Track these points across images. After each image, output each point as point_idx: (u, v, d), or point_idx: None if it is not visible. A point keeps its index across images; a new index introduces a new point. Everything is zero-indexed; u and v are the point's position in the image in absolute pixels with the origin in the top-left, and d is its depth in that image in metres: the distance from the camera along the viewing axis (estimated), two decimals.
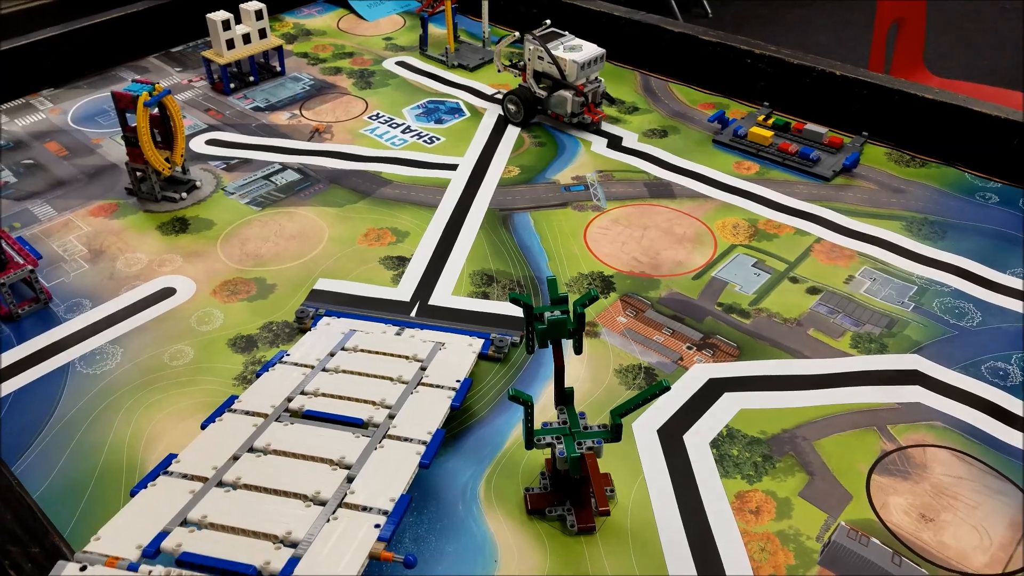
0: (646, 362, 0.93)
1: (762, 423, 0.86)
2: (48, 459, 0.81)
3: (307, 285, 1.03)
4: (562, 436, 0.73)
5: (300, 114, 1.42)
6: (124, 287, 1.03)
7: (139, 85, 1.12)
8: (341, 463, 0.71)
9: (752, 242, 1.12)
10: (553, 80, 1.32)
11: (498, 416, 0.86)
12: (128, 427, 0.84)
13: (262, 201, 1.20)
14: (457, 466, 0.81)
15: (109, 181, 1.24)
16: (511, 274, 1.06)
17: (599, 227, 1.14)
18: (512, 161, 1.29)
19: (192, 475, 0.68)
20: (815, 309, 1.00)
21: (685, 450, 0.83)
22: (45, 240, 1.12)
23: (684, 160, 1.29)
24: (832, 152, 1.29)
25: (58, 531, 0.66)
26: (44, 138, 1.36)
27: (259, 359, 0.93)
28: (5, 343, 0.95)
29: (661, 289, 1.03)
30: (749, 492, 0.79)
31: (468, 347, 0.91)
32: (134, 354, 0.93)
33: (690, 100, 1.46)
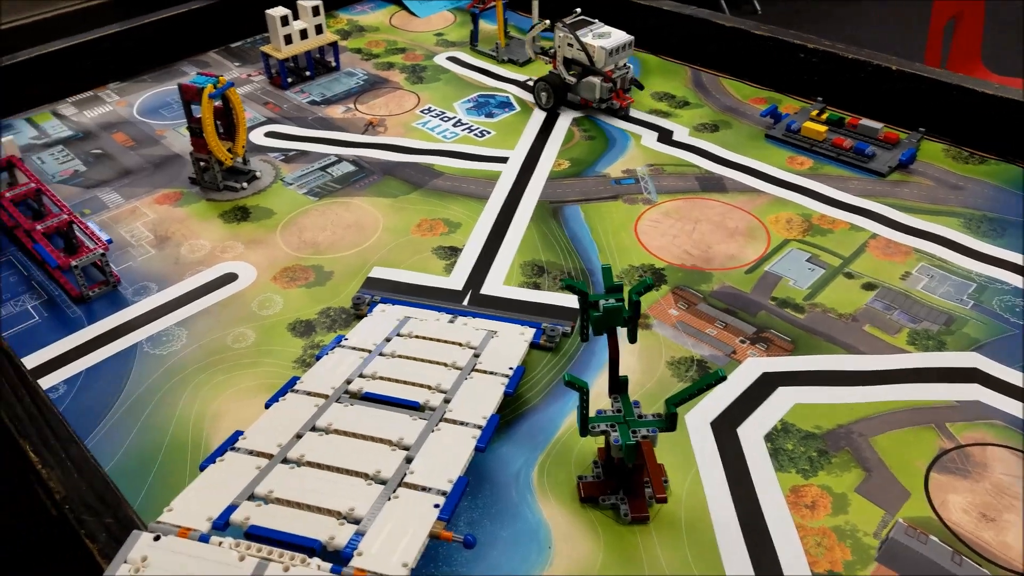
0: (698, 355, 0.93)
1: (817, 418, 0.85)
2: (119, 434, 0.84)
3: (363, 273, 1.06)
4: (616, 424, 0.74)
5: (355, 108, 1.45)
6: (188, 272, 1.07)
7: (204, 78, 1.16)
8: (400, 444, 0.72)
9: (806, 237, 1.10)
10: (583, 66, 1.35)
11: (551, 404, 0.87)
12: (194, 405, 0.87)
13: (319, 191, 1.23)
14: (510, 452, 0.82)
15: (173, 171, 1.29)
16: (561, 265, 1.07)
17: (650, 220, 1.14)
18: (562, 154, 1.30)
19: (258, 451, 0.70)
20: (871, 305, 0.99)
21: (739, 443, 0.83)
22: (113, 226, 1.16)
23: (736, 154, 1.28)
24: (888, 148, 1.27)
25: (129, 503, 0.69)
26: (112, 129, 1.41)
27: (317, 343, 0.95)
28: (77, 323, 0.99)
29: (713, 282, 1.03)
30: (804, 487, 0.79)
31: (520, 336, 0.92)
32: (198, 336, 0.97)
33: (742, 95, 1.45)
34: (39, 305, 1.02)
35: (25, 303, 1.03)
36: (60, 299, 1.03)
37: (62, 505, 0.65)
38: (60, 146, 1.37)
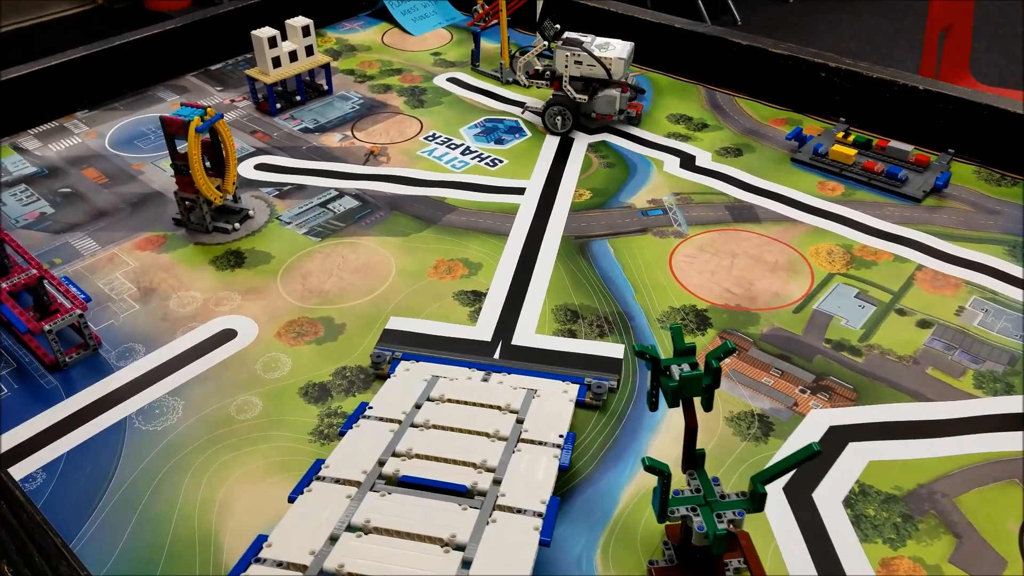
0: (758, 408, 0.85)
1: (895, 477, 0.78)
2: (111, 534, 0.73)
3: (378, 324, 0.96)
4: (698, 507, 0.65)
5: (352, 135, 1.34)
6: (179, 329, 0.95)
7: (189, 109, 1.05)
8: (453, 543, 0.63)
9: (850, 270, 1.04)
10: (592, 82, 1.29)
11: (604, 474, 0.78)
12: (197, 492, 0.76)
13: (320, 231, 1.12)
14: (567, 534, 0.73)
15: (154, 211, 1.17)
16: (596, 308, 0.98)
17: (684, 255, 1.06)
18: (582, 184, 1.22)
19: (289, 563, 0.60)
20: (929, 345, 0.93)
21: (816, 510, 0.75)
22: (89, 277, 1.04)
23: (764, 181, 1.21)
24: (919, 171, 1.21)
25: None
26: (81, 164, 1.28)
27: (335, 410, 0.85)
28: (53, 396, 0.87)
29: (761, 324, 0.95)
30: (895, 559, 0.71)
31: (564, 394, 0.83)
32: (197, 407, 0.85)
33: (760, 116, 1.38)
34: (7, 375, 0.89)
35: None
36: (32, 367, 0.90)
37: None
38: (23, 185, 1.23)
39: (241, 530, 0.73)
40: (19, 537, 0.61)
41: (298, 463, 0.79)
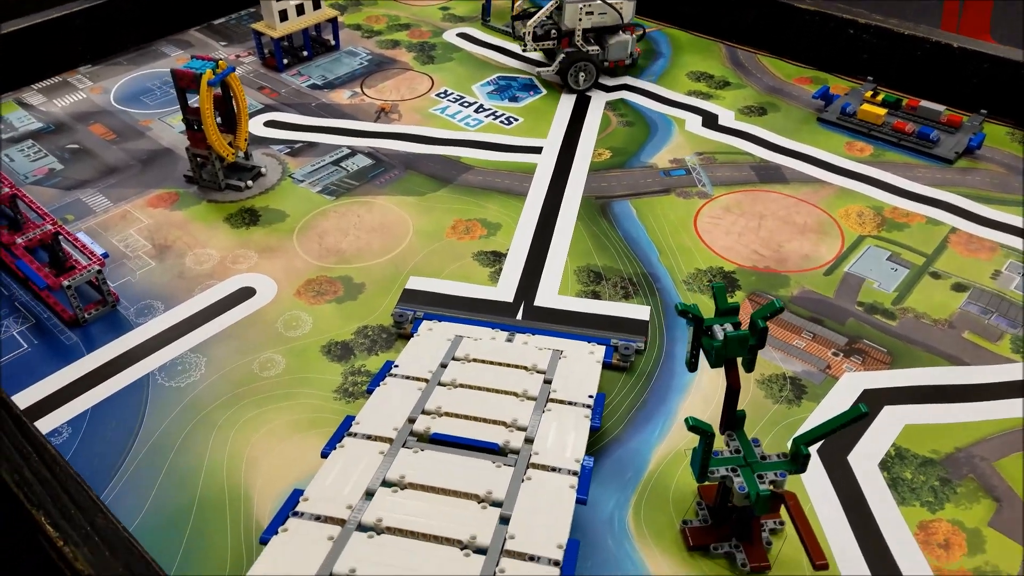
0: (790, 371, 0.83)
1: (932, 441, 0.77)
2: (140, 488, 0.72)
3: (398, 284, 0.93)
4: (739, 468, 0.64)
5: (362, 92, 1.30)
6: (197, 287, 0.93)
7: (200, 62, 1.01)
8: (489, 499, 0.62)
9: (881, 232, 1.01)
10: (602, 31, 1.27)
11: (634, 435, 0.77)
12: (224, 448, 0.75)
13: (335, 189, 1.09)
14: (599, 494, 0.72)
15: (165, 167, 1.14)
16: (620, 270, 0.96)
17: (709, 216, 1.04)
18: (601, 143, 1.18)
19: (327, 517, 0.59)
20: (965, 308, 0.91)
21: (852, 473, 0.74)
22: (103, 234, 1.01)
23: (789, 140, 1.18)
24: (951, 132, 1.18)
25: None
26: (87, 120, 1.25)
27: (358, 368, 0.83)
28: (74, 352, 0.85)
29: (792, 286, 0.93)
30: (933, 522, 0.70)
31: (590, 355, 0.81)
32: (219, 364, 0.84)
33: (784, 74, 1.34)
34: (27, 331, 0.88)
35: (10, 328, 0.88)
36: (51, 323, 0.89)
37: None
38: (29, 141, 1.20)
39: (271, 485, 0.71)
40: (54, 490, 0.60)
41: (324, 420, 0.77)
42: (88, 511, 0.59)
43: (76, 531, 0.58)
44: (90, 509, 0.60)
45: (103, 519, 0.59)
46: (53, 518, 0.59)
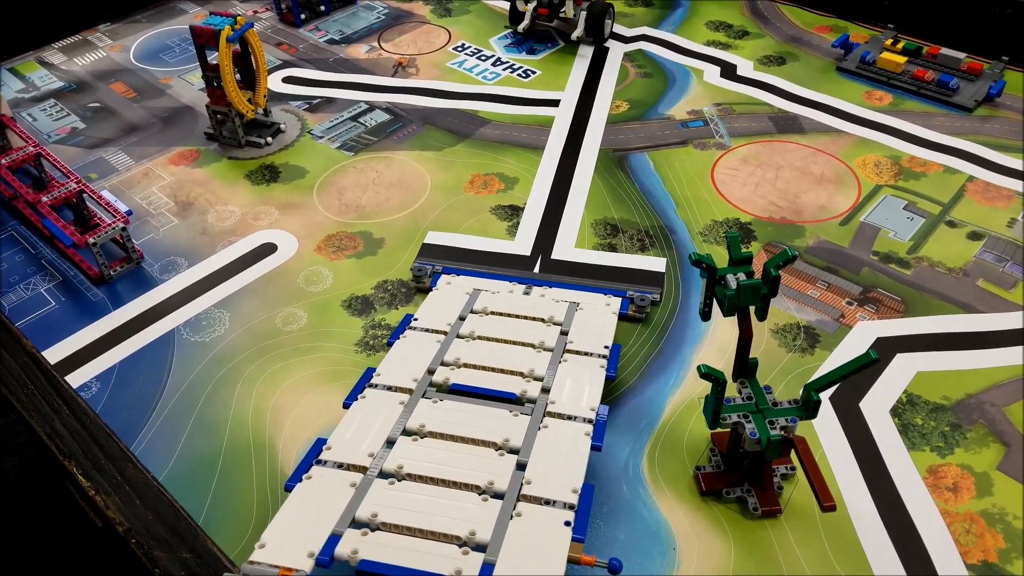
0: (804, 320, 0.84)
1: (944, 387, 0.78)
2: (168, 439, 0.75)
3: (417, 239, 0.95)
4: (750, 414, 0.65)
5: (379, 47, 1.30)
6: (220, 243, 0.95)
7: (218, 18, 1.02)
8: (507, 447, 0.64)
9: (898, 182, 1.01)
10: None
11: (649, 385, 0.79)
12: (250, 400, 0.78)
13: (353, 145, 1.10)
14: (613, 442, 0.74)
15: (186, 125, 1.15)
16: (637, 223, 0.96)
17: (727, 168, 1.04)
18: (618, 95, 1.18)
19: (349, 464, 0.61)
20: (980, 257, 0.91)
21: (864, 419, 0.75)
22: (126, 192, 1.03)
23: (808, 90, 1.17)
24: (971, 80, 1.16)
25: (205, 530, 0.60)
26: (108, 78, 1.26)
27: (379, 322, 0.85)
28: (100, 308, 0.88)
29: (807, 237, 0.94)
30: (942, 466, 0.71)
31: (606, 307, 0.83)
32: (243, 319, 0.86)
33: (804, 23, 1.32)
34: (53, 288, 0.90)
35: (37, 286, 0.91)
36: (77, 280, 0.91)
37: (127, 539, 0.56)
38: (52, 100, 1.21)
39: (295, 435, 0.74)
40: (85, 442, 0.63)
41: (347, 372, 0.80)
42: (118, 461, 0.63)
43: (107, 480, 0.61)
44: (120, 459, 0.63)
45: (133, 469, 0.62)
46: (85, 468, 0.62)
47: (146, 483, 0.60)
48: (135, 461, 0.62)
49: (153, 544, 0.55)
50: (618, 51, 1.27)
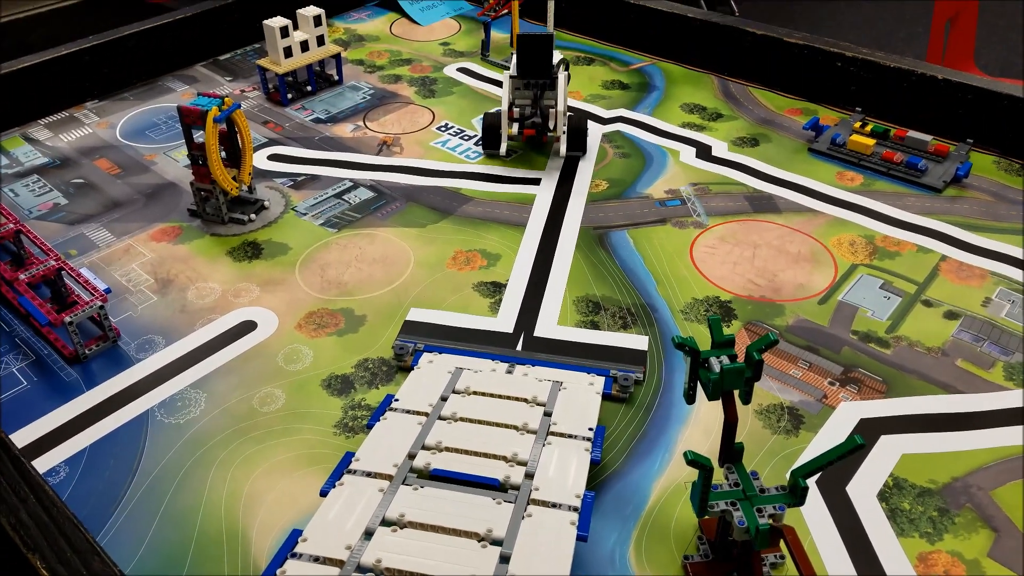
0: (787, 401, 0.84)
1: (929, 470, 0.77)
2: (136, 527, 0.72)
3: (399, 316, 0.94)
4: (738, 502, 0.64)
5: (365, 126, 1.33)
6: (199, 321, 0.94)
7: (206, 99, 1.03)
8: (489, 537, 0.62)
9: (874, 261, 1.03)
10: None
11: (634, 467, 0.77)
12: (223, 486, 0.75)
13: (337, 222, 1.11)
14: (599, 528, 0.72)
15: (169, 201, 1.15)
16: (619, 300, 0.97)
17: (705, 246, 1.05)
18: (598, 174, 1.20)
19: (326, 558, 0.59)
20: (958, 336, 0.92)
21: (851, 505, 0.74)
22: (106, 268, 1.02)
23: (782, 171, 1.20)
24: (939, 161, 1.20)
25: None
26: (93, 155, 1.26)
27: (359, 402, 0.84)
28: (73, 388, 0.86)
29: (787, 315, 0.94)
30: (932, 553, 0.70)
31: (590, 387, 0.82)
32: (220, 399, 0.84)
33: (775, 106, 1.37)
34: (26, 367, 0.88)
35: (10, 365, 0.88)
36: (51, 359, 0.89)
37: None
38: (35, 176, 1.21)
39: (269, 524, 0.71)
40: (50, 532, 0.60)
41: (324, 456, 0.78)
42: (84, 554, 0.59)
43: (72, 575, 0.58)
44: (86, 552, 0.60)
45: (99, 563, 0.59)
46: (49, 562, 0.59)
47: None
48: (102, 553, 0.59)
49: None
50: (596, 132, 1.30)
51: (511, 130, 1.21)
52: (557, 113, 1.18)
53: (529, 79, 1.20)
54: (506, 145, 1.22)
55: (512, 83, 1.21)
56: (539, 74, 1.19)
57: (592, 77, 1.47)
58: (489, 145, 1.25)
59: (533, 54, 1.17)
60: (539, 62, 1.17)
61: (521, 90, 1.22)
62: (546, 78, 1.19)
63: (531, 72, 1.19)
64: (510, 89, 1.21)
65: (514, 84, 1.21)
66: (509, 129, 1.21)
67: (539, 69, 1.18)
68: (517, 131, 1.21)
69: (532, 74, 1.19)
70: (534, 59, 1.18)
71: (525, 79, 1.20)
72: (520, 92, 1.22)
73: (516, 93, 1.22)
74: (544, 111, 1.22)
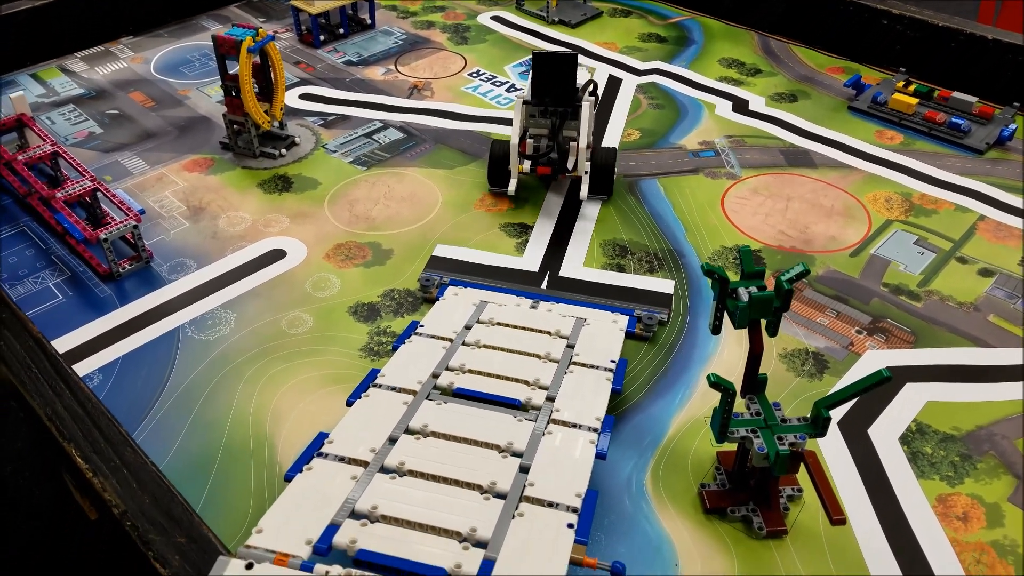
0: (813, 346, 0.83)
1: (954, 418, 0.76)
2: (167, 433, 0.74)
3: (425, 252, 0.95)
4: (758, 429, 0.64)
5: (396, 70, 1.32)
6: (229, 248, 0.95)
7: (241, 30, 1.04)
8: (510, 449, 0.63)
9: (909, 217, 1.01)
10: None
11: (654, 402, 0.78)
12: (251, 399, 0.77)
13: (366, 160, 1.11)
14: (617, 457, 0.72)
15: (201, 135, 1.16)
16: (646, 245, 0.96)
17: (737, 197, 1.04)
18: (630, 124, 1.19)
19: (351, 458, 0.60)
20: (991, 293, 0.90)
21: (872, 446, 0.74)
22: (139, 195, 1.04)
23: (819, 127, 1.18)
24: (982, 123, 1.17)
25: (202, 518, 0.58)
26: (128, 87, 1.28)
27: (384, 329, 0.85)
28: (107, 304, 0.88)
29: (817, 266, 0.93)
30: (952, 495, 0.70)
31: (613, 324, 0.82)
32: (249, 320, 0.85)
33: (816, 64, 1.34)
34: (62, 283, 0.90)
35: (46, 280, 0.91)
36: (86, 276, 0.91)
37: (122, 522, 0.55)
38: (71, 105, 1.23)
39: (295, 435, 0.73)
40: (85, 424, 0.62)
41: (349, 376, 0.79)
42: (117, 445, 0.61)
43: (105, 463, 0.60)
44: (119, 443, 0.62)
45: (132, 453, 0.61)
46: (83, 451, 0.61)
47: (144, 467, 0.59)
48: (134, 445, 0.61)
49: (148, 528, 0.54)
50: (630, 83, 1.29)
51: (521, 167, 0.98)
52: (579, 149, 0.96)
53: (547, 105, 0.98)
54: (516, 183, 1.00)
55: (525, 109, 0.99)
56: (559, 100, 0.97)
57: (629, 29, 1.46)
58: (495, 181, 1.04)
59: (552, 75, 0.95)
60: (560, 85, 0.95)
61: (536, 118, 0.99)
62: (568, 105, 0.97)
63: (549, 97, 0.97)
64: (523, 116, 0.98)
65: (528, 110, 0.99)
66: (520, 166, 0.98)
67: (559, 94, 0.96)
68: (529, 168, 0.98)
69: (550, 100, 0.97)
70: (553, 81, 0.95)
71: (542, 105, 0.98)
72: (535, 120, 1.00)
73: (530, 121, 1.00)
74: (563, 145, 0.99)
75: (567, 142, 0.99)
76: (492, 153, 1.03)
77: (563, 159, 0.99)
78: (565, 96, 0.96)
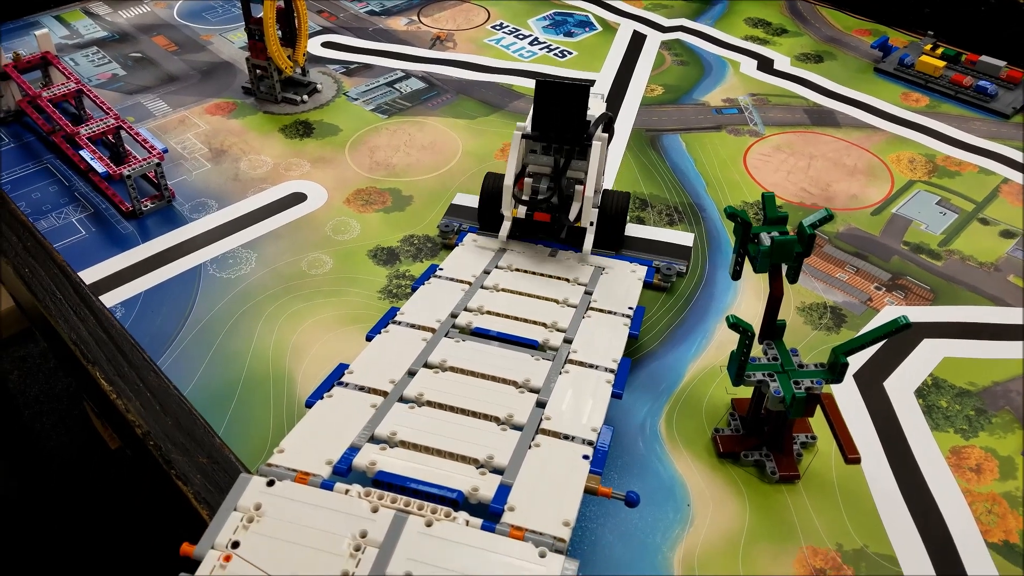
0: (831, 301, 0.83)
1: (970, 374, 0.76)
2: (189, 363, 0.75)
3: (445, 199, 0.95)
4: (775, 373, 0.64)
5: (419, 20, 1.32)
6: (250, 190, 0.96)
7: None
8: (527, 386, 0.63)
9: (932, 179, 1.00)
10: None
11: (671, 350, 0.78)
12: (271, 335, 0.78)
13: (387, 109, 1.11)
14: (632, 401, 0.73)
15: (223, 79, 1.16)
16: (666, 199, 0.96)
17: (759, 154, 1.04)
18: (654, 79, 1.18)
19: (370, 388, 0.61)
20: (1012, 254, 0.90)
21: (887, 398, 0.74)
22: (162, 136, 1.04)
23: (844, 88, 1.17)
24: (1010, 88, 1.15)
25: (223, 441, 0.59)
26: (151, 32, 1.28)
27: (403, 272, 0.85)
28: (129, 240, 0.89)
29: (838, 223, 0.93)
30: (965, 448, 0.70)
31: (632, 273, 0.82)
32: (269, 260, 0.86)
33: (843, 25, 1.32)
34: (85, 219, 0.91)
35: (69, 216, 0.92)
36: (108, 213, 0.92)
37: (145, 442, 0.56)
38: (95, 47, 1.24)
39: (314, 370, 0.74)
40: (109, 349, 0.63)
41: (368, 316, 0.79)
42: (141, 369, 0.63)
43: (129, 386, 0.61)
44: (143, 368, 0.63)
45: (155, 377, 0.62)
46: (107, 374, 0.62)
47: (167, 392, 0.60)
48: (157, 370, 0.62)
49: (171, 448, 0.55)
50: (655, 39, 1.27)
51: (515, 211, 0.82)
52: (584, 197, 0.80)
53: (550, 141, 0.81)
54: (508, 228, 0.83)
55: (525, 144, 0.82)
56: (565, 136, 0.80)
57: None
58: (485, 223, 0.87)
59: (558, 106, 0.78)
60: (566, 119, 0.79)
61: (538, 154, 0.83)
62: (575, 143, 0.81)
63: (553, 132, 0.80)
64: (522, 152, 0.82)
65: (528, 145, 0.82)
66: (514, 210, 0.82)
67: (565, 129, 0.80)
68: (524, 214, 0.82)
69: (555, 135, 0.80)
70: (559, 114, 0.78)
71: (544, 140, 0.81)
72: (535, 156, 0.83)
73: (530, 157, 0.83)
74: (566, 189, 0.82)
75: (571, 186, 0.82)
76: (484, 189, 0.86)
77: (565, 205, 0.81)
78: (572, 131, 0.80)
